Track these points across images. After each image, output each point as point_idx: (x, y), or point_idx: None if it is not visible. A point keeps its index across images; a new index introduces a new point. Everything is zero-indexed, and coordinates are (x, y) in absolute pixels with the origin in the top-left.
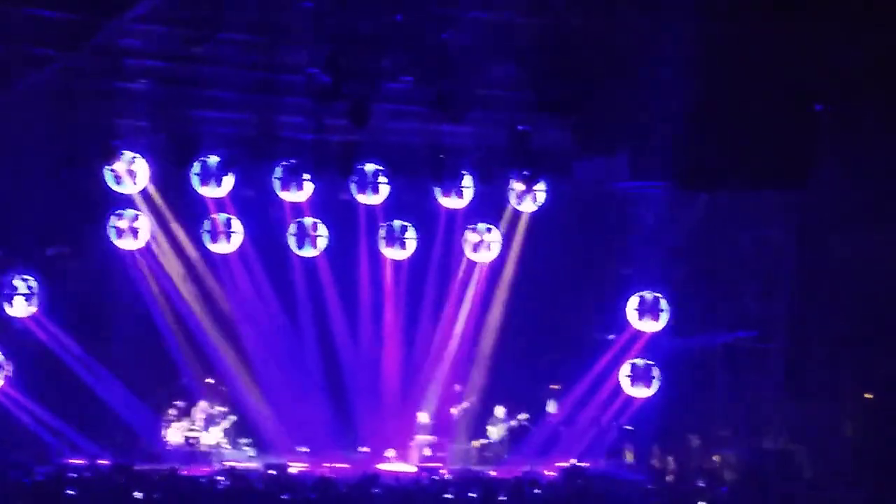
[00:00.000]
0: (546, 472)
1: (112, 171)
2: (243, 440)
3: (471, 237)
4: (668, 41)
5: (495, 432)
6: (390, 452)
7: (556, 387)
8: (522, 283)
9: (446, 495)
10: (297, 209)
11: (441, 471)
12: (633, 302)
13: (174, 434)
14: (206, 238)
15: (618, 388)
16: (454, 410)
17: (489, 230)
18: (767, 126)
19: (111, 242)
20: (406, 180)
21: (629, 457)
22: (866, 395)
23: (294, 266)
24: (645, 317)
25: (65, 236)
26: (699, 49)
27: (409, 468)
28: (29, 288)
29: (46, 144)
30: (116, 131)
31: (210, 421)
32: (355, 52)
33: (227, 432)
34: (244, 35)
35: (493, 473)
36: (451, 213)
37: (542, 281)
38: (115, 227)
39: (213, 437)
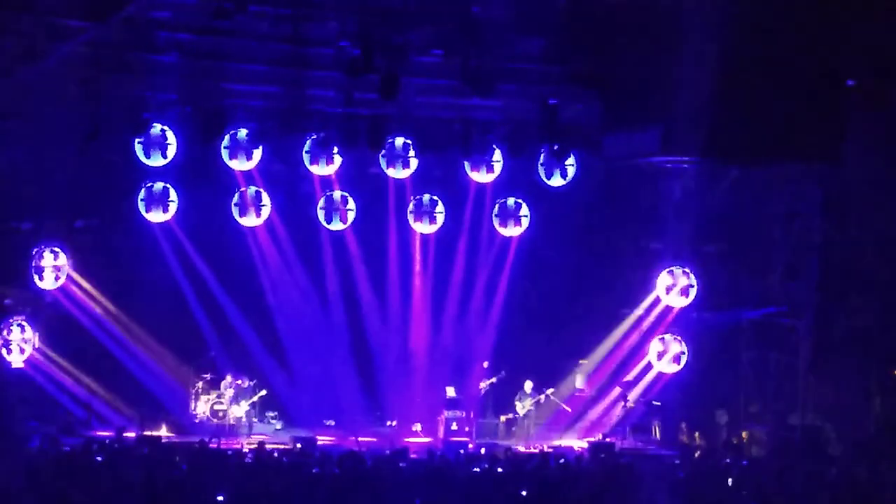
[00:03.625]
0: (573, 447)
1: (141, 143)
2: (270, 413)
3: (500, 211)
4: (700, 15)
5: (522, 407)
6: (417, 426)
7: (584, 362)
8: (551, 257)
9: (473, 470)
10: (326, 183)
11: (468, 445)
12: (662, 277)
13: (202, 407)
14: (234, 211)
15: (647, 364)
16: (482, 385)
17: (518, 204)
18: (798, 101)
19: (140, 215)
20: (435, 154)
21: (656, 432)
22: (894, 372)
23: (322, 240)
24: (674, 292)
25: (94, 209)
26: (731, 23)
27: (436, 442)
28: (57, 260)
29: (76, 117)
30: (146, 104)
31: (238, 394)
32: (385, 26)
33: (254, 405)
34: (275, 8)
35: (520, 448)
36: (481, 187)
37: (571, 255)
38: (144, 200)
39: (240, 410)
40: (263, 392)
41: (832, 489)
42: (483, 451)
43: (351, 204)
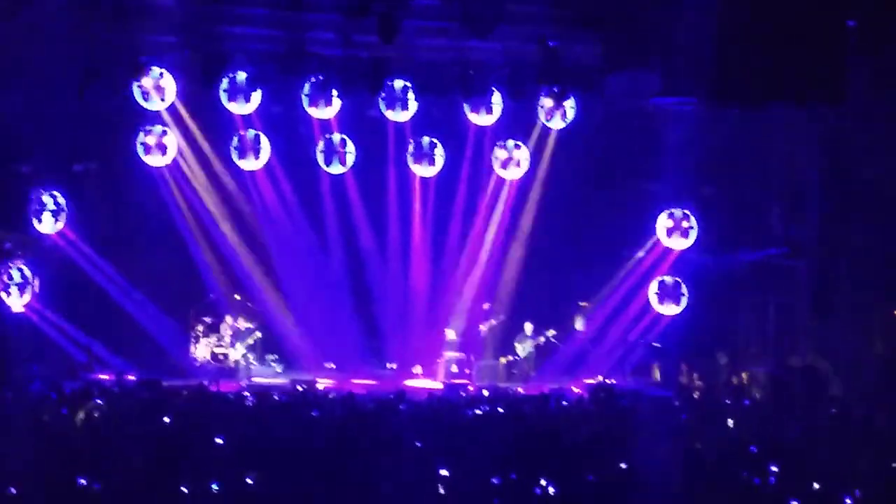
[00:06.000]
0: (573, 389)
1: (140, 87)
2: (270, 356)
3: (499, 154)
4: None
5: (522, 349)
6: (417, 369)
7: (584, 304)
8: (551, 199)
9: (473, 411)
10: (326, 125)
11: (468, 387)
12: (662, 219)
13: (202, 350)
14: (233, 154)
15: (646, 306)
16: (482, 327)
17: (518, 147)
18: (799, 42)
19: (139, 159)
20: (435, 97)
21: (656, 374)
22: (895, 313)
23: (322, 182)
24: (674, 234)
25: (92, 152)
26: None
27: (436, 385)
28: (56, 204)
29: (74, 60)
30: (144, 47)
31: (237, 337)
32: None
33: (254, 348)
34: None
35: (519, 390)
36: (480, 130)
37: (571, 198)
38: (142, 144)
39: (240, 353)
40: (258, 334)
41: (832, 430)
42: (486, 392)
43: (350, 147)
